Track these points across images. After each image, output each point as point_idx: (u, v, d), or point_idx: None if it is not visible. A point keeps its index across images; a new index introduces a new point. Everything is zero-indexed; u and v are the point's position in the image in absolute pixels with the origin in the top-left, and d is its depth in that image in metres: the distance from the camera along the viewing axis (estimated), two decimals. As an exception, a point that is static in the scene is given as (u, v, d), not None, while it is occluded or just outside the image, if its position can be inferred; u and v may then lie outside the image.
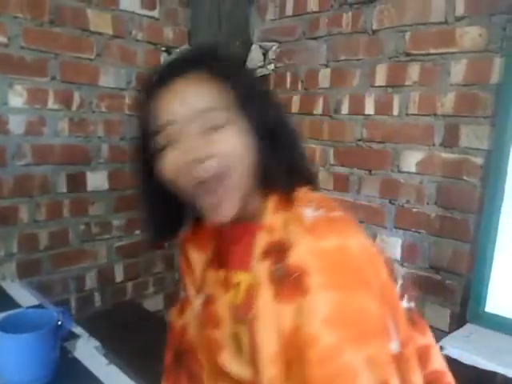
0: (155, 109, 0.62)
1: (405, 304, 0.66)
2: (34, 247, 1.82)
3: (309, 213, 0.60)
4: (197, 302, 0.72)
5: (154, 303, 2.25)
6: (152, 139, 0.62)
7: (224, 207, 0.62)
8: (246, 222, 0.66)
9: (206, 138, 0.60)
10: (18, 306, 1.05)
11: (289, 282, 0.57)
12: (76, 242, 1.94)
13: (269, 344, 0.56)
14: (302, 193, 0.65)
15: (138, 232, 2.15)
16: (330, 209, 0.63)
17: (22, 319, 0.80)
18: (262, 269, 0.60)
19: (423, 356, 0.64)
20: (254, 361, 0.59)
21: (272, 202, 0.65)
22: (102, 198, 2.00)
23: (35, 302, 1.08)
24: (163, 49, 2.12)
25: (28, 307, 1.04)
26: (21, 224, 1.77)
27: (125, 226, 2.10)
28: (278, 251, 0.60)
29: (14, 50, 1.68)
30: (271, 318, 0.57)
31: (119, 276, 2.11)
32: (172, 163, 0.61)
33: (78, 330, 0.95)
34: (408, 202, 1.69)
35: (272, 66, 2.10)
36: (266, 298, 0.58)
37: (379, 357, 0.53)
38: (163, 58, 2.12)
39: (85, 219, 1.96)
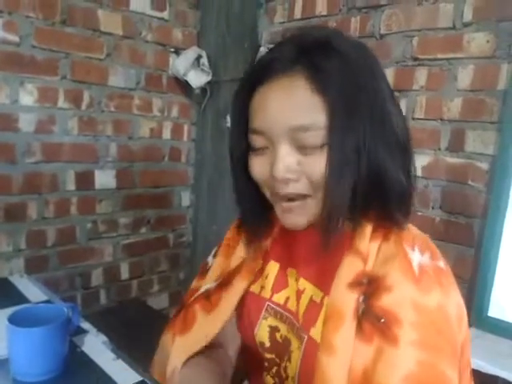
0: (254, 105, 0.58)
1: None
2: (42, 243, 1.85)
3: (416, 257, 0.56)
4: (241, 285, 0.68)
5: (158, 301, 2.27)
6: (248, 134, 0.59)
7: (297, 221, 0.59)
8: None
9: (297, 157, 0.55)
10: (27, 300, 1.07)
11: (374, 323, 0.53)
12: (83, 240, 1.97)
13: (339, 379, 0.53)
14: (406, 228, 0.59)
15: (144, 230, 2.17)
16: (435, 255, 0.59)
17: (31, 314, 0.81)
18: (348, 300, 0.55)
19: None
20: (304, 380, 0.58)
21: (369, 228, 0.58)
22: (109, 196, 2.02)
23: (44, 297, 1.10)
24: (172, 50, 2.14)
25: (37, 302, 1.05)
26: (29, 220, 1.80)
27: (131, 224, 2.12)
28: (369, 284, 0.55)
29: (26, 49, 1.71)
30: (347, 354, 0.53)
31: (125, 274, 2.14)
32: (260, 171, 0.59)
33: (86, 325, 0.96)
34: (413, 205, 1.70)
35: (280, 69, 2.11)
36: (347, 332, 0.54)
37: None
38: (172, 58, 2.14)
39: (92, 217, 1.98)
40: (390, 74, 1.74)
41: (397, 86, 1.73)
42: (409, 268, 0.54)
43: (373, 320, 0.53)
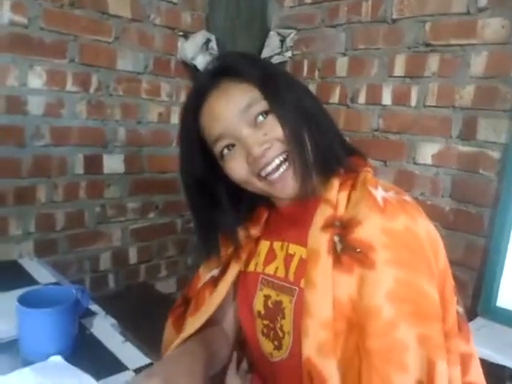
0: (204, 123, 0.69)
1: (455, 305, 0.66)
2: (51, 227, 1.86)
3: (379, 193, 0.64)
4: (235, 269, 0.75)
5: (166, 286, 2.29)
6: (211, 147, 0.69)
7: (288, 185, 0.65)
8: (306, 200, 0.68)
9: (257, 131, 0.65)
10: (36, 283, 1.08)
11: (351, 255, 0.60)
12: (91, 224, 1.98)
13: (323, 310, 0.59)
14: (369, 175, 0.69)
15: (152, 215, 2.18)
16: (400, 192, 0.66)
17: (41, 295, 0.82)
18: (321, 240, 0.63)
19: (462, 364, 0.63)
20: (298, 327, 0.63)
21: (337, 181, 0.67)
22: (117, 180, 2.03)
23: (53, 279, 1.11)
24: (181, 33, 2.12)
25: (46, 284, 1.07)
26: (38, 204, 1.81)
27: (140, 209, 2.13)
28: (342, 226, 0.63)
29: (34, 31, 1.70)
30: (327, 286, 0.60)
31: (133, 258, 2.15)
32: (238, 168, 0.67)
33: (94, 307, 0.97)
34: (423, 194, 1.69)
35: (289, 54, 2.09)
36: (323, 267, 0.61)
37: (431, 337, 0.56)
38: (180, 42, 2.12)
39: (100, 201, 1.99)
40: (401, 59, 1.71)
41: (408, 73, 1.70)
42: (374, 202, 0.62)
43: (350, 252, 0.60)
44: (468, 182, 1.58)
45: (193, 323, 0.73)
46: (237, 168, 0.67)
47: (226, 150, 0.67)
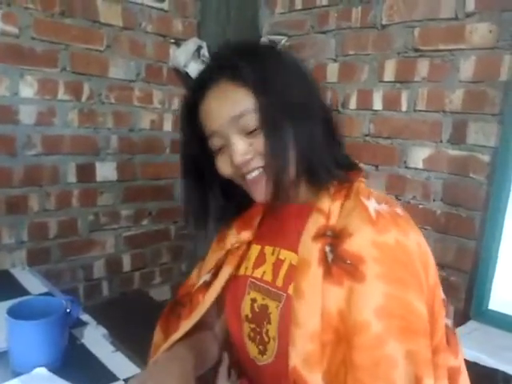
0: (202, 115, 0.69)
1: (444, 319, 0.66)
2: (44, 236, 1.85)
3: (372, 205, 0.64)
4: (225, 271, 0.76)
5: (160, 293, 2.28)
6: (208, 141, 0.70)
7: (262, 189, 0.67)
8: (298, 205, 0.70)
9: (247, 141, 0.66)
10: (27, 293, 1.08)
11: (341, 266, 0.60)
12: (84, 232, 1.97)
13: (311, 321, 0.59)
14: (362, 185, 0.69)
15: (145, 222, 2.18)
16: (392, 204, 0.66)
17: (31, 306, 0.82)
18: (313, 250, 0.63)
19: (450, 378, 0.63)
20: (283, 334, 0.63)
21: (330, 190, 0.67)
22: (110, 188, 2.03)
23: (44, 289, 1.11)
24: (172, 41, 2.13)
25: (37, 294, 1.06)
26: (31, 213, 1.80)
27: (133, 216, 2.13)
28: (334, 236, 0.63)
29: (25, 41, 1.70)
30: (316, 297, 0.60)
31: (127, 266, 2.14)
32: (225, 167, 0.69)
33: (85, 317, 0.97)
34: (414, 198, 1.70)
35: (281, 60, 2.09)
36: (313, 277, 0.61)
37: (419, 353, 0.56)
38: (172, 50, 2.12)
39: (93, 209, 1.99)
40: (391, 65, 1.73)
41: (398, 78, 1.72)
42: (366, 214, 0.62)
43: (340, 264, 0.60)
44: (459, 185, 1.59)
45: (184, 327, 0.74)
46: (224, 167, 0.69)
47: (216, 148, 0.69)
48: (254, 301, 0.72)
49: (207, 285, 0.77)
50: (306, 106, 0.68)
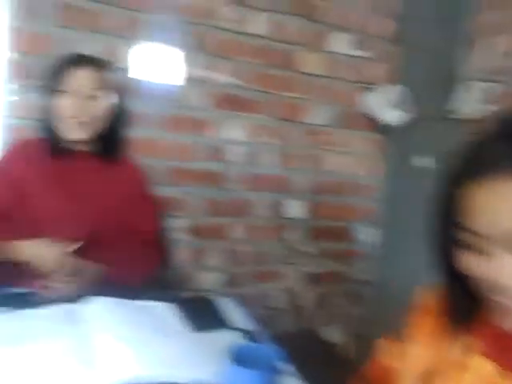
0: (471, 202, 0.52)
1: None
2: (240, 262, 2.06)
3: None
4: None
5: (331, 334, 2.27)
6: (455, 227, 0.54)
7: None
8: None
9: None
10: (228, 326, 1.12)
11: None
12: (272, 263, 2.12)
13: None
14: None
15: (327, 262, 2.23)
16: None
17: (243, 351, 0.86)
18: None
19: None
20: None
21: None
22: (297, 225, 2.14)
23: (246, 324, 1.14)
24: (368, 86, 2.15)
25: (244, 333, 1.10)
26: (229, 240, 2.03)
27: (315, 254, 2.19)
28: None
29: (241, 91, 1.94)
30: None
31: (303, 301, 2.21)
32: (471, 268, 0.54)
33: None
34: None
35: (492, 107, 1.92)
36: None
37: None
38: (367, 95, 2.14)
39: (281, 243, 2.12)
40: None
41: None
42: None
43: None
44: None
45: None
46: (469, 266, 0.54)
47: (467, 243, 0.54)
48: None
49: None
50: None
